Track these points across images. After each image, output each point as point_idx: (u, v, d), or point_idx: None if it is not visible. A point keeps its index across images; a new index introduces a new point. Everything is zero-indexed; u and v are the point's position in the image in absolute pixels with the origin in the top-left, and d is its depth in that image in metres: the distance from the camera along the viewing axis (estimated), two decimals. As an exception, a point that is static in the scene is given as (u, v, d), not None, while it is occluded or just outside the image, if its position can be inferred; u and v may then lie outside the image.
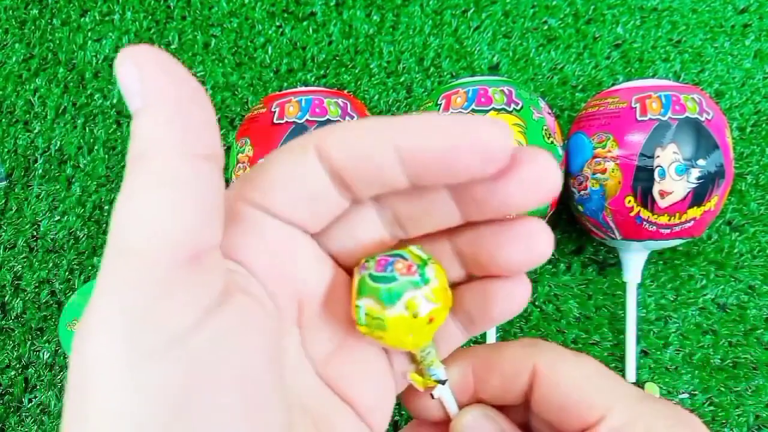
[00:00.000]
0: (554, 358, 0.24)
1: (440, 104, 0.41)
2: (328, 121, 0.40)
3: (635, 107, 0.40)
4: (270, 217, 0.21)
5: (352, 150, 0.20)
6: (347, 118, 0.40)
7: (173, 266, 0.16)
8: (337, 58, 0.53)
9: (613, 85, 0.46)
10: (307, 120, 0.39)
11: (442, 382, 0.25)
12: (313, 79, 0.52)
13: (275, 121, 0.40)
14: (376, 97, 0.52)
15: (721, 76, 0.51)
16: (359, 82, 0.52)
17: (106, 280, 0.16)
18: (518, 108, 0.40)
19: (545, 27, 0.52)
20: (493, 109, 0.39)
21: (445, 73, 0.52)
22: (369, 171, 0.20)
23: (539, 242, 0.22)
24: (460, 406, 0.25)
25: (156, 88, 0.16)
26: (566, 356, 0.24)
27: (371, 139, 0.20)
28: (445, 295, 0.22)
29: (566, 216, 0.48)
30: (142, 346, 0.15)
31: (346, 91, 0.51)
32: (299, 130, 0.39)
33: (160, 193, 0.16)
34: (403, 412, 0.47)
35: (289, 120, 0.40)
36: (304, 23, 0.53)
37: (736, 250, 0.48)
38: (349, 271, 0.24)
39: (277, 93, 0.42)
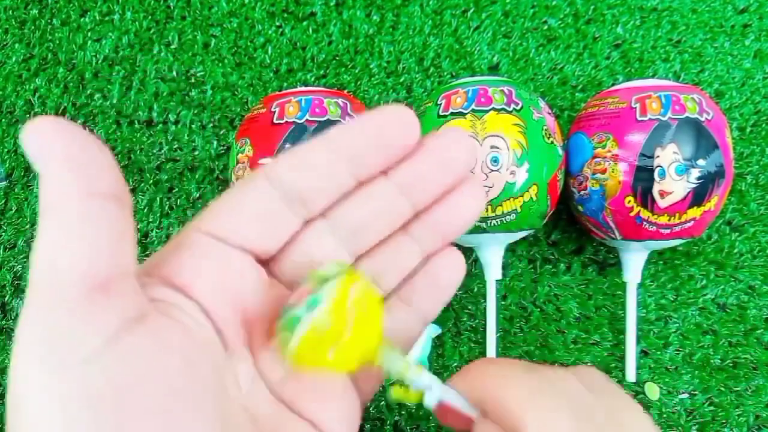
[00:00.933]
0: (544, 427, 0.22)
1: (440, 104, 0.41)
2: (328, 121, 0.40)
3: (635, 107, 0.40)
4: (218, 243, 0.23)
5: (301, 167, 0.24)
6: (347, 118, 0.40)
7: (80, 296, 0.17)
8: (337, 58, 0.53)
9: (613, 85, 0.46)
10: (306, 120, 0.39)
11: (429, 388, 0.24)
12: (313, 79, 0.52)
13: (275, 121, 0.40)
14: (376, 97, 0.52)
15: (721, 76, 0.51)
16: (359, 82, 0.52)
17: (25, 313, 0.18)
18: (518, 108, 0.40)
19: (545, 27, 0.52)
20: (493, 109, 0.39)
21: (445, 73, 0.52)
22: (318, 179, 0.24)
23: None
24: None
25: (51, 150, 0.18)
26: (559, 424, 0.22)
27: (317, 152, 0.24)
28: (341, 312, 0.22)
29: (566, 216, 0.48)
30: (55, 367, 0.17)
31: (346, 91, 0.51)
32: (299, 130, 0.39)
33: (61, 234, 0.18)
34: (403, 412, 0.47)
35: (289, 120, 0.40)
36: (304, 23, 0.53)
37: (736, 250, 0.48)
38: None
39: (277, 93, 0.42)
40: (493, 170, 0.39)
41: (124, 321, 0.18)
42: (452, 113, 0.40)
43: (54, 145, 0.17)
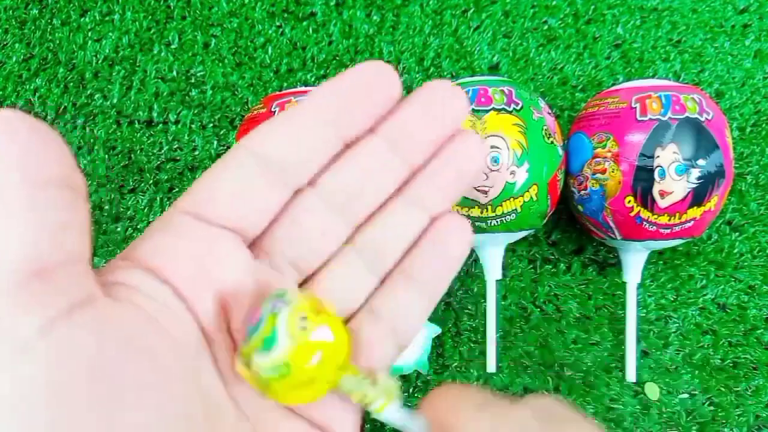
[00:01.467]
0: None
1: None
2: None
3: (635, 107, 0.40)
4: (197, 222, 0.22)
5: (282, 135, 0.23)
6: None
7: (15, 285, 0.17)
8: (337, 58, 0.53)
9: (613, 85, 0.46)
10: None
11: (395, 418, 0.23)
12: (313, 79, 0.52)
13: (275, 121, 0.40)
14: (376, 97, 0.52)
15: (721, 76, 0.51)
16: (359, 82, 0.52)
17: None
18: (518, 108, 0.40)
19: (545, 27, 0.52)
20: (493, 109, 0.39)
21: (445, 73, 0.52)
22: (301, 145, 0.23)
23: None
24: None
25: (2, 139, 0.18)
26: None
27: (297, 116, 0.23)
28: (297, 352, 0.21)
29: (566, 216, 0.48)
30: None
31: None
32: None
33: None
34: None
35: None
36: (304, 23, 0.53)
37: (736, 250, 0.48)
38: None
39: (278, 93, 0.42)
40: (493, 170, 0.39)
41: (62, 309, 0.17)
42: None
43: (5, 136, 0.17)
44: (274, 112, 0.40)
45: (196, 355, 0.21)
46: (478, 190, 0.39)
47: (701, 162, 0.39)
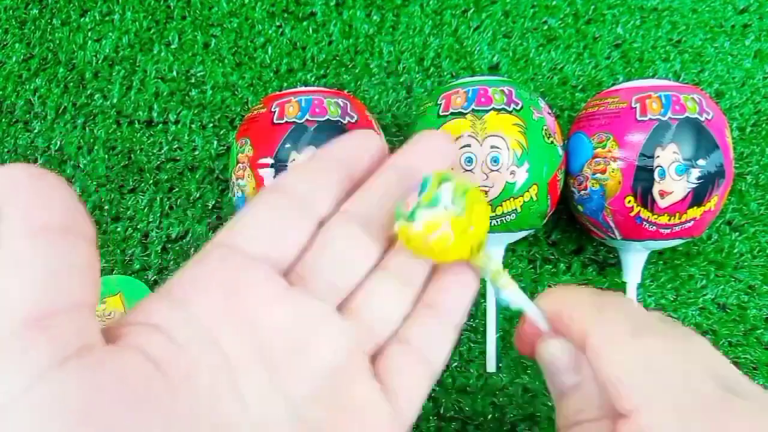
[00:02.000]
0: (606, 337, 0.24)
1: (440, 104, 0.41)
2: (328, 121, 0.40)
3: (635, 107, 0.40)
4: (233, 254, 0.23)
5: (304, 174, 0.26)
6: (347, 117, 0.40)
7: (11, 334, 0.17)
8: (337, 58, 0.53)
9: (613, 85, 0.46)
10: (306, 120, 0.39)
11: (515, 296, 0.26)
12: (313, 79, 0.52)
13: (275, 121, 0.40)
14: (376, 97, 0.52)
15: (721, 76, 0.51)
16: (359, 82, 0.52)
17: None
18: (518, 108, 0.40)
19: (545, 27, 0.52)
20: (493, 109, 0.39)
21: (445, 73, 0.52)
22: (321, 180, 0.26)
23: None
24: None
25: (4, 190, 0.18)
26: (619, 338, 0.24)
27: (314, 161, 0.27)
28: (466, 206, 0.24)
29: (566, 216, 0.48)
30: None
31: (346, 91, 0.51)
32: (299, 130, 0.39)
33: None
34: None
35: (289, 120, 0.40)
36: (304, 23, 0.53)
37: (736, 250, 0.48)
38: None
39: (277, 93, 0.42)
40: (493, 170, 0.39)
41: (55, 358, 0.17)
42: (452, 113, 0.40)
43: (12, 186, 0.18)
44: (274, 112, 0.40)
45: (204, 386, 0.20)
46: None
47: (701, 162, 0.39)
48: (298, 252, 0.25)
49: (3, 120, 0.53)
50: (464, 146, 0.39)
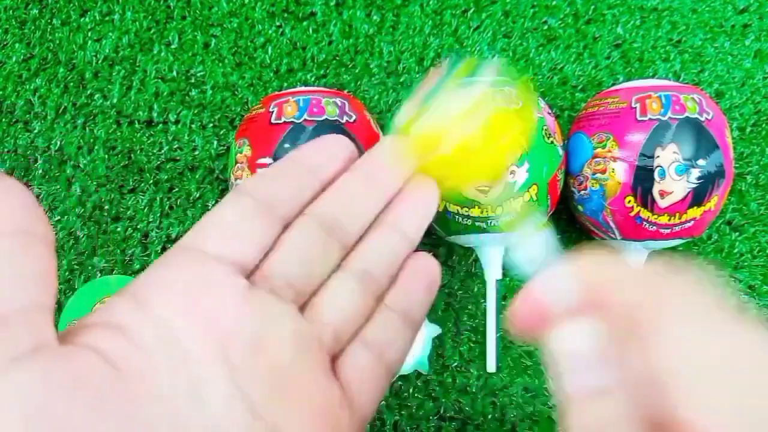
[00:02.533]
0: (671, 324, 0.18)
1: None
2: (326, 121, 0.40)
3: (635, 107, 0.40)
4: (193, 254, 0.23)
5: (271, 178, 0.27)
6: (345, 117, 0.40)
7: None
8: (337, 58, 0.53)
9: (613, 85, 0.46)
10: (305, 120, 0.39)
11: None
12: (313, 79, 0.52)
13: (273, 121, 0.40)
14: (376, 97, 0.52)
15: (721, 76, 0.51)
16: (359, 82, 0.52)
17: None
18: (518, 108, 0.40)
19: (545, 27, 0.52)
20: (493, 108, 0.39)
21: (445, 73, 0.52)
22: (289, 183, 0.27)
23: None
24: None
25: None
26: (688, 327, 0.18)
27: (283, 164, 0.28)
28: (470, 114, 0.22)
29: (566, 216, 0.48)
30: None
31: (345, 91, 0.51)
32: (297, 129, 0.39)
33: None
34: (403, 412, 0.47)
35: (287, 120, 0.40)
36: (304, 23, 0.53)
37: (736, 250, 0.48)
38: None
39: (276, 93, 0.42)
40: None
41: (7, 358, 0.17)
42: None
43: None
44: (272, 112, 0.40)
45: (166, 390, 0.20)
46: (479, 190, 0.39)
47: (701, 162, 0.39)
48: (261, 253, 0.25)
49: (3, 120, 0.53)
50: None
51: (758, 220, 0.49)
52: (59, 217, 0.51)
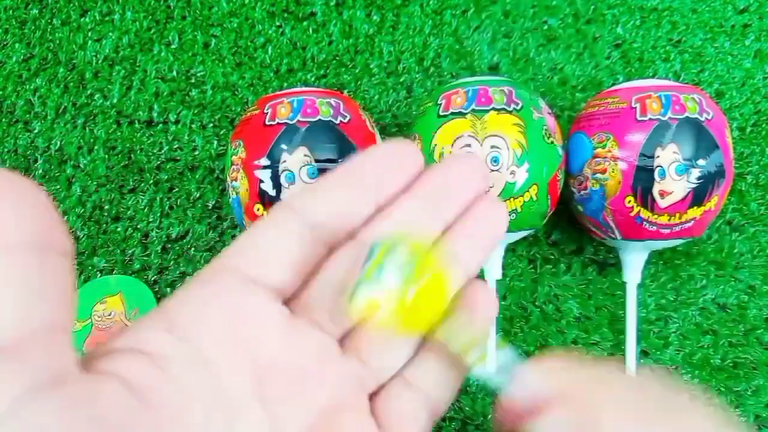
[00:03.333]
0: (619, 422, 0.21)
1: (440, 104, 0.41)
2: (320, 122, 0.39)
3: (635, 107, 0.40)
4: (235, 277, 0.21)
5: (322, 196, 0.24)
6: (339, 117, 0.40)
7: None
8: (337, 58, 0.53)
9: (613, 85, 0.46)
10: (298, 121, 0.39)
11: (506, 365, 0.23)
12: (313, 79, 0.52)
13: (267, 122, 0.40)
14: (376, 97, 0.52)
15: (721, 76, 0.51)
16: (359, 82, 0.52)
17: None
18: (518, 108, 0.40)
19: (545, 27, 0.52)
20: (493, 108, 0.39)
21: (445, 73, 0.52)
22: (340, 205, 0.24)
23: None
24: None
25: None
26: (631, 423, 0.21)
27: (335, 180, 0.24)
28: (408, 278, 0.21)
29: (566, 216, 0.48)
30: None
31: (345, 91, 0.51)
32: (291, 130, 0.39)
33: None
34: None
35: (280, 121, 0.39)
36: (304, 23, 0.53)
37: (736, 250, 0.48)
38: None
39: (271, 95, 0.42)
40: (493, 170, 0.39)
41: (25, 389, 0.15)
42: (452, 113, 0.40)
43: None
44: (266, 113, 0.40)
45: (203, 428, 0.19)
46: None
47: (701, 162, 0.39)
48: (303, 279, 0.23)
49: (3, 120, 0.53)
50: (464, 146, 0.39)
51: (758, 220, 0.49)
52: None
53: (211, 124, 0.52)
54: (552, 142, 0.41)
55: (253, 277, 0.22)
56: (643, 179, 0.39)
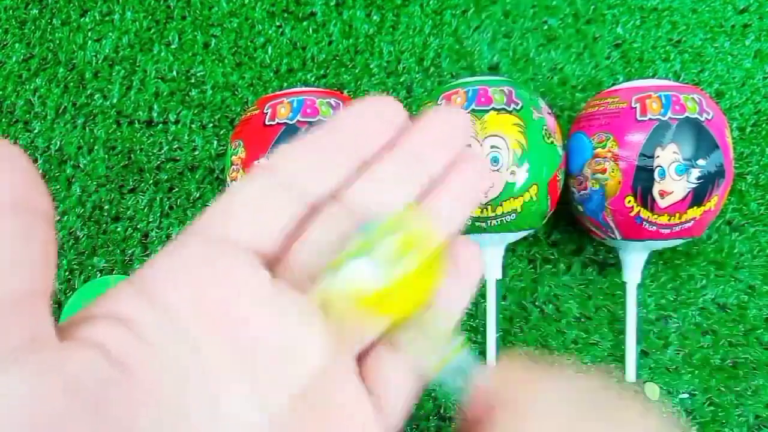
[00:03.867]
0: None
1: (440, 104, 0.41)
2: (320, 122, 0.39)
3: (635, 107, 0.40)
4: (214, 240, 0.20)
5: (298, 156, 0.22)
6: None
7: None
8: (337, 58, 0.53)
9: (613, 85, 0.46)
10: (298, 121, 0.39)
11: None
12: (313, 79, 0.52)
13: (267, 122, 0.40)
14: (376, 97, 0.52)
15: (721, 76, 0.51)
16: (359, 82, 0.52)
17: None
18: (518, 108, 0.40)
19: (545, 27, 0.52)
20: (493, 109, 0.39)
21: (445, 73, 0.52)
22: (319, 163, 0.23)
23: None
24: None
25: None
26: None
27: (314, 140, 0.23)
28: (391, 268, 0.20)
29: (566, 216, 0.48)
30: None
31: (345, 91, 0.51)
32: (290, 130, 0.39)
33: None
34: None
35: (280, 121, 0.39)
36: (304, 23, 0.53)
37: (736, 250, 0.48)
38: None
39: (271, 95, 0.42)
40: (493, 170, 0.39)
41: (3, 354, 0.15)
42: None
43: None
44: (266, 113, 0.40)
45: (180, 401, 0.18)
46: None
47: (701, 162, 0.39)
48: (283, 240, 0.22)
49: (3, 120, 0.53)
50: None
51: (758, 220, 0.49)
52: (59, 217, 0.51)
53: (211, 124, 0.51)
54: (552, 142, 0.41)
55: (231, 238, 0.20)
56: (643, 179, 0.39)
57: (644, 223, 0.40)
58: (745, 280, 0.48)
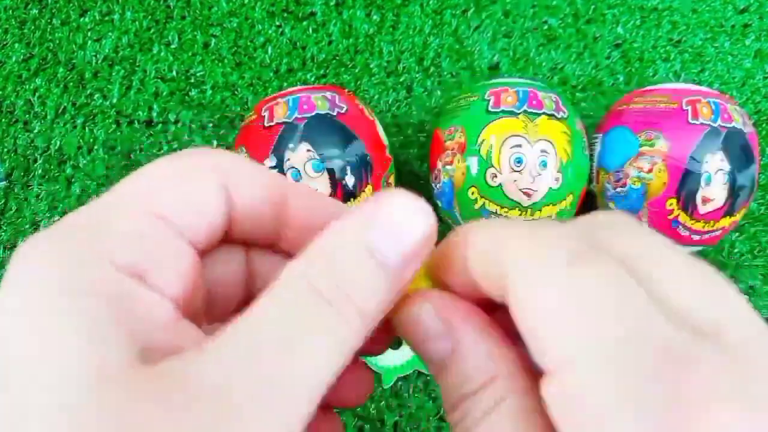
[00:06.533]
0: (529, 282, 0.11)
1: (488, 99, 0.26)
2: (318, 116, 0.28)
3: (687, 109, 0.26)
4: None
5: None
6: (336, 109, 0.28)
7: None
8: (337, 58, 0.38)
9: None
10: (296, 118, 0.27)
11: None
12: (313, 79, 0.37)
13: (266, 124, 0.27)
14: (376, 96, 0.37)
15: (721, 76, 0.37)
16: (359, 82, 0.37)
17: None
18: (565, 116, 0.26)
19: (545, 27, 0.38)
20: (545, 113, 0.25)
21: (445, 73, 0.37)
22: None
23: None
24: None
25: None
26: (542, 282, 0.11)
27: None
28: None
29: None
30: None
31: (345, 91, 0.37)
32: (290, 129, 0.27)
33: None
34: (403, 412, 0.33)
35: (278, 122, 0.27)
36: (304, 23, 0.38)
37: (736, 250, 0.35)
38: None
39: (266, 98, 0.29)
40: (540, 174, 0.24)
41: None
42: (503, 111, 0.26)
43: None
44: (264, 116, 0.28)
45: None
46: (523, 192, 0.25)
47: (742, 173, 0.25)
48: (210, 237, 0.14)
49: (3, 120, 0.38)
50: (515, 146, 0.25)
51: (758, 220, 0.35)
52: (59, 217, 0.36)
53: (211, 124, 0.37)
54: (587, 155, 0.27)
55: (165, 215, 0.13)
56: (689, 183, 0.25)
57: (680, 227, 0.26)
58: (745, 280, 0.34)
